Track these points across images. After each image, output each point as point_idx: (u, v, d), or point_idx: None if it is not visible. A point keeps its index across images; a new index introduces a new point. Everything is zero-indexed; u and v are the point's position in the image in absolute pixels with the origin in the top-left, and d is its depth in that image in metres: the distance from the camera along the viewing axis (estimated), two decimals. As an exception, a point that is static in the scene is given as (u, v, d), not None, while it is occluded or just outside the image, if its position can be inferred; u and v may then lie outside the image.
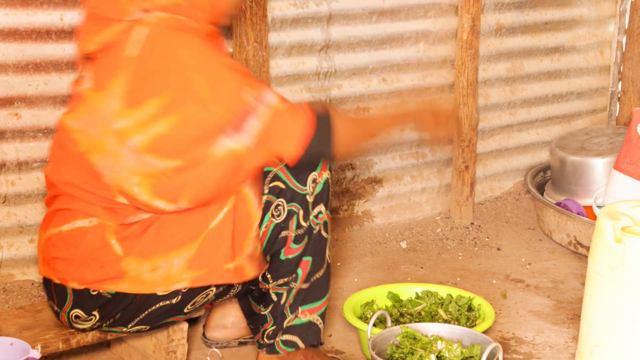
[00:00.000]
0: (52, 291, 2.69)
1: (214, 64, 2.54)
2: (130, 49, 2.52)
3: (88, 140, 2.57)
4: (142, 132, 2.52)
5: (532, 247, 4.00)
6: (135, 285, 2.59)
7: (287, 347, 2.80)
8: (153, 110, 2.51)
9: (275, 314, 2.79)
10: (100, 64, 2.58)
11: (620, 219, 2.40)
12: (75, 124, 2.60)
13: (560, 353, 3.09)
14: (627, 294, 2.35)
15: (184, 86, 2.51)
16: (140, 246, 2.58)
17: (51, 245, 2.66)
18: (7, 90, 3.16)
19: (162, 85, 2.51)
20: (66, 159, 2.64)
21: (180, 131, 2.52)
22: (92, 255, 2.59)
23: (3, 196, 3.24)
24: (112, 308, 2.63)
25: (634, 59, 4.51)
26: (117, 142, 2.54)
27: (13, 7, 3.11)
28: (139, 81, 2.52)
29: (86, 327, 2.68)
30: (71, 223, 2.63)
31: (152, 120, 2.52)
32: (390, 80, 3.95)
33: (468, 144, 4.12)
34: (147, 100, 2.51)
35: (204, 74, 2.52)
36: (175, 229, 2.61)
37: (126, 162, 2.54)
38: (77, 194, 2.61)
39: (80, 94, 2.62)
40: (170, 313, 2.68)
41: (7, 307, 3.20)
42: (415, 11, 3.94)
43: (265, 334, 2.81)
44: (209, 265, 2.61)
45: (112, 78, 2.54)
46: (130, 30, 2.53)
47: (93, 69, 2.60)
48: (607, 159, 4.00)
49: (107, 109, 2.54)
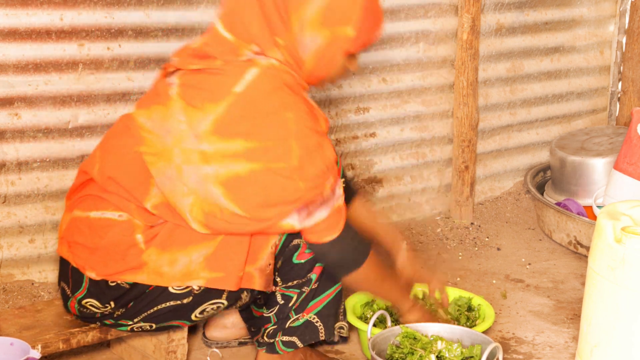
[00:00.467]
0: (69, 274, 2.69)
1: (312, 139, 2.56)
2: (240, 86, 2.54)
3: (157, 143, 2.57)
4: (223, 164, 2.53)
5: (532, 247, 4.00)
6: (154, 277, 2.59)
7: (286, 347, 2.80)
8: (239, 149, 2.53)
9: (280, 315, 2.79)
10: (202, 83, 2.58)
11: (620, 219, 2.40)
12: (147, 123, 2.60)
13: (560, 353, 3.09)
14: (627, 294, 2.35)
15: (280, 146, 2.53)
16: (160, 238, 2.59)
17: (75, 227, 2.65)
18: (7, 90, 3.16)
19: (255, 130, 2.53)
20: (118, 152, 2.63)
21: (259, 184, 2.54)
22: (116, 249, 2.59)
23: (3, 196, 3.24)
24: (127, 298, 2.63)
25: (634, 59, 4.51)
26: (187, 159, 2.54)
27: (13, 7, 3.11)
28: (235, 117, 2.53)
29: (97, 314, 2.67)
30: (100, 212, 2.62)
31: (233, 157, 2.53)
32: (390, 80, 3.95)
33: (468, 144, 4.12)
34: (237, 138, 2.53)
35: (302, 147, 2.54)
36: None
37: (188, 180, 2.55)
38: (115, 190, 2.61)
39: (163, 97, 2.62)
40: (178, 315, 2.67)
41: (7, 307, 3.20)
42: (415, 11, 3.95)
43: (266, 332, 2.81)
44: (226, 269, 2.61)
45: (211, 103, 2.54)
46: (245, 69, 2.55)
47: (188, 82, 2.61)
48: (607, 159, 4.00)
49: (195, 127, 2.54)
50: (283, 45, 2.57)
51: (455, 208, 4.17)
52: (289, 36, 2.57)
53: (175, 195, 2.55)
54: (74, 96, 3.27)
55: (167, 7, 3.36)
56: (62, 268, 2.72)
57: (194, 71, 2.60)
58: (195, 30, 3.43)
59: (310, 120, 2.58)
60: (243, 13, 2.58)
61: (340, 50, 2.61)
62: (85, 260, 2.63)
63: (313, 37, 2.57)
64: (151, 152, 2.57)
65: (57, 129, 3.27)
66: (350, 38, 2.59)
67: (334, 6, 2.56)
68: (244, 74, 2.54)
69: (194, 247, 2.59)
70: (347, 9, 2.57)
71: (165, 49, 3.38)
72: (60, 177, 3.30)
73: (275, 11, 2.56)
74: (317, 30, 2.57)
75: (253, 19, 2.57)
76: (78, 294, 2.66)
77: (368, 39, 2.65)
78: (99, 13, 3.24)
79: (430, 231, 4.08)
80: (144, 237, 2.59)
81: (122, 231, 2.59)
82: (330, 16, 2.56)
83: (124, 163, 2.61)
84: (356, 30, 2.59)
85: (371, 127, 3.96)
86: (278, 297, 2.77)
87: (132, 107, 3.36)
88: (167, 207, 2.58)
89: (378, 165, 4.01)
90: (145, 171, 2.58)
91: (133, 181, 2.59)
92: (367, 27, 2.62)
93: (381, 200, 4.06)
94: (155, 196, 2.58)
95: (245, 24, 2.58)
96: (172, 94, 2.60)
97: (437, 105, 4.10)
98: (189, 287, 2.62)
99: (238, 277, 2.62)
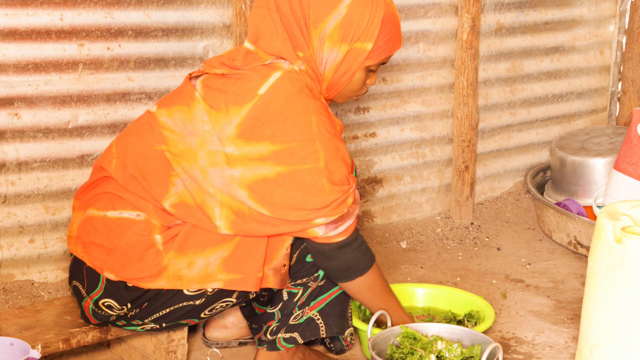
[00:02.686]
0: (83, 274, 2.69)
1: (333, 143, 2.61)
2: (263, 88, 2.58)
3: (179, 143, 2.60)
4: (250, 167, 2.56)
5: (532, 247, 4.00)
6: (173, 281, 2.60)
7: (287, 343, 2.81)
8: (265, 152, 2.56)
9: (284, 311, 2.80)
10: (226, 86, 2.62)
11: (620, 219, 2.41)
12: (169, 121, 2.63)
13: (560, 353, 3.09)
14: (627, 294, 2.35)
15: (306, 148, 2.57)
16: (178, 241, 2.60)
17: (91, 227, 2.66)
18: (7, 90, 3.16)
19: (280, 132, 2.56)
20: (139, 150, 2.64)
21: (286, 185, 2.56)
22: (134, 249, 2.59)
23: (3, 196, 3.24)
24: (143, 300, 2.64)
25: (634, 59, 4.51)
26: (212, 161, 2.57)
27: (13, 7, 3.11)
28: (260, 120, 2.57)
29: (112, 317, 2.67)
30: (118, 211, 2.63)
31: (259, 160, 2.56)
32: (390, 80, 3.95)
33: (468, 144, 4.12)
34: (263, 141, 2.56)
35: (326, 149, 2.58)
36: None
37: (213, 182, 2.57)
38: (134, 189, 2.62)
39: (186, 97, 2.64)
40: (189, 315, 2.68)
41: (7, 307, 3.20)
42: (415, 11, 3.95)
43: (269, 330, 2.81)
44: (245, 271, 2.62)
45: (236, 106, 2.58)
46: (269, 73, 2.60)
47: (213, 85, 2.64)
48: (607, 159, 4.00)
49: (220, 130, 2.57)
50: (304, 58, 2.64)
51: (455, 208, 4.17)
52: (310, 51, 2.64)
53: (202, 195, 2.58)
54: (74, 96, 3.27)
55: (167, 7, 3.36)
56: (76, 268, 2.72)
57: (219, 75, 2.66)
58: (195, 30, 3.43)
59: (330, 124, 2.62)
60: (266, 29, 2.65)
61: (359, 65, 2.68)
62: (103, 261, 2.63)
63: (332, 52, 2.64)
64: (172, 152, 2.60)
65: (57, 129, 3.27)
66: (368, 53, 2.66)
67: (352, 22, 2.63)
68: (269, 78, 2.59)
69: (212, 249, 2.60)
70: (365, 24, 2.64)
71: (165, 49, 3.38)
72: (60, 177, 3.30)
73: (297, 27, 2.63)
74: (336, 46, 2.64)
75: (275, 34, 2.64)
76: (94, 294, 2.66)
77: (386, 53, 2.71)
78: (99, 13, 3.24)
79: (430, 231, 4.08)
80: (162, 238, 2.60)
81: (140, 231, 2.60)
82: (349, 31, 2.63)
83: (145, 161, 2.63)
84: (374, 45, 2.66)
85: (371, 127, 3.96)
86: (284, 294, 2.78)
87: (131, 107, 3.37)
88: (185, 207, 2.59)
89: (378, 165, 4.01)
90: (165, 170, 2.60)
91: (153, 179, 2.61)
92: (386, 41, 2.68)
93: (381, 200, 4.06)
94: (174, 195, 2.60)
95: (268, 39, 2.65)
96: (196, 96, 2.62)
97: (437, 105, 4.10)
98: (203, 289, 2.63)
99: (257, 278, 2.64)
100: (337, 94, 2.74)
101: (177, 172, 2.58)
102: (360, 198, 3.97)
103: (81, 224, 2.68)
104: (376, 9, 2.64)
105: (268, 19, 2.65)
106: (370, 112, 3.94)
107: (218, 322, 3.06)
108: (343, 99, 2.78)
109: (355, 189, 2.68)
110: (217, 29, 3.47)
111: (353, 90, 2.75)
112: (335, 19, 2.62)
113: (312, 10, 2.62)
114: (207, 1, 3.43)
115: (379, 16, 2.64)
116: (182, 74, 3.43)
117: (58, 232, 3.33)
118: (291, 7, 2.63)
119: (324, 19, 2.62)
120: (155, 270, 2.59)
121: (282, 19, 2.64)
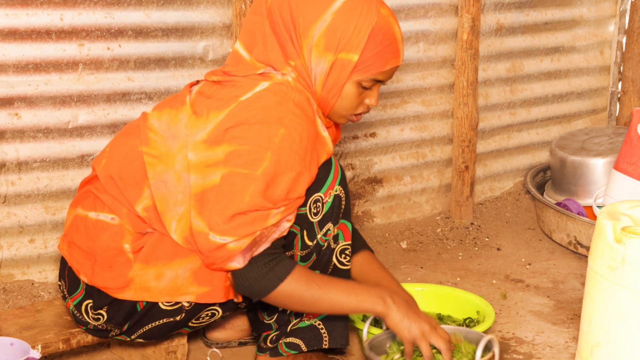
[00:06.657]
0: (66, 274, 2.67)
1: (290, 163, 2.43)
2: (246, 96, 2.49)
3: (160, 146, 2.54)
4: (202, 174, 2.47)
5: (532, 247, 4.00)
6: (141, 292, 2.55)
7: (290, 349, 2.79)
8: (220, 156, 2.45)
9: (280, 322, 2.78)
10: (216, 93, 2.56)
11: (620, 219, 2.40)
12: (156, 123, 2.58)
13: (560, 353, 3.09)
14: (627, 294, 2.35)
15: (253, 154, 2.42)
16: (144, 252, 2.55)
17: (75, 227, 2.64)
18: (7, 90, 3.16)
19: (241, 135, 2.44)
20: (123, 151, 2.61)
21: (220, 188, 2.43)
22: (104, 254, 2.56)
23: (3, 196, 3.24)
24: (118, 309, 2.60)
25: (634, 59, 4.51)
26: (184, 167, 2.50)
27: (13, 7, 3.11)
28: (230, 124, 2.46)
29: (90, 325, 2.64)
30: (97, 213, 2.60)
31: (214, 166, 2.46)
32: (390, 80, 3.95)
33: (468, 144, 4.12)
34: (223, 144, 2.45)
35: (274, 163, 2.41)
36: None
37: (184, 188, 2.50)
38: (112, 191, 2.58)
39: (179, 101, 2.60)
40: (175, 328, 2.66)
41: (7, 307, 3.20)
42: (415, 11, 3.95)
43: (269, 339, 2.80)
44: (212, 283, 2.56)
45: (216, 111, 2.50)
46: (258, 82, 2.51)
47: (205, 91, 2.59)
48: (607, 159, 4.00)
49: (192, 135, 2.50)
50: (295, 68, 2.55)
51: (455, 208, 4.17)
52: (300, 60, 2.55)
53: (166, 202, 2.52)
54: (74, 96, 3.27)
55: (167, 7, 3.36)
56: (62, 266, 2.71)
57: (214, 82, 2.61)
58: (195, 30, 3.43)
59: (301, 145, 2.45)
60: (258, 36, 2.58)
61: (345, 77, 2.56)
62: (80, 264, 2.61)
63: (318, 62, 2.54)
64: (152, 154, 2.55)
65: (57, 129, 3.27)
66: (355, 64, 2.54)
67: (337, 29, 2.52)
68: (256, 87, 2.51)
69: (180, 261, 2.54)
70: (351, 33, 2.52)
71: (165, 49, 3.38)
72: (60, 177, 3.30)
73: (287, 35, 2.54)
74: (322, 56, 2.53)
75: (268, 42, 2.56)
76: (74, 297, 2.65)
77: (377, 68, 2.56)
78: (99, 13, 3.24)
79: (430, 231, 4.08)
80: (131, 247, 2.55)
81: (112, 236, 2.56)
82: (333, 40, 2.52)
83: (126, 162, 2.59)
84: (361, 56, 2.53)
85: (371, 127, 3.96)
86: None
87: (131, 107, 3.37)
88: (156, 212, 2.55)
89: (378, 165, 4.01)
90: (142, 172, 2.56)
91: (129, 181, 2.57)
92: (374, 54, 2.55)
93: (381, 200, 4.06)
94: (147, 198, 2.55)
95: (261, 47, 2.57)
96: (186, 100, 2.59)
97: (437, 105, 4.10)
98: (180, 304, 2.60)
99: (225, 288, 2.57)
100: (330, 110, 2.62)
101: (149, 175, 2.52)
102: (360, 198, 3.97)
103: (71, 222, 2.67)
104: (365, 18, 2.52)
105: (261, 25, 2.57)
106: (370, 112, 3.93)
107: (218, 322, 3.06)
108: (339, 117, 2.64)
109: (284, 219, 2.46)
110: (217, 29, 3.47)
111: (346, 107, 2.60)
112: (321, 27, 2.52)
113: (301, 18, 2.52)
114: (207, 1, 3.43)
115: (367, 26, 2.52)
116: (182, 74, 3.43)
117: (58, 232, 3.33)
118: (281, 15, 2.54)
119: (311, 27, 2.52)
120: (122, 281, 2.55)
121: (273, 26, 2.55)
